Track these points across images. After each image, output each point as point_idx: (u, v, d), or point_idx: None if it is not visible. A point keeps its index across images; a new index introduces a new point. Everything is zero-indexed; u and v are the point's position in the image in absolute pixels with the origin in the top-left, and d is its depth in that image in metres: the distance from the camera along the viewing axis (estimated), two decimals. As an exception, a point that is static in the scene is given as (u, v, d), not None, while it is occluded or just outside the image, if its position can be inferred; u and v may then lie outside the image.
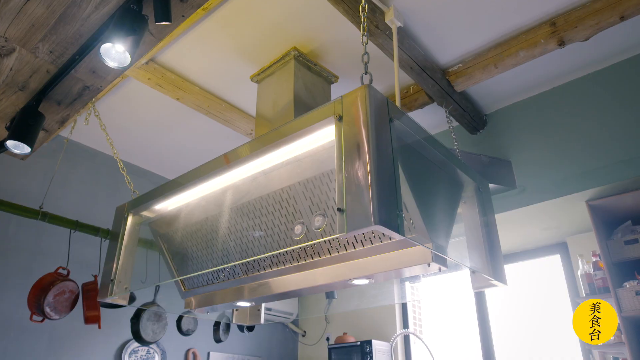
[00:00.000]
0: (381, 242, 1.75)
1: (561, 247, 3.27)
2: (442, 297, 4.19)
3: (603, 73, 2.65)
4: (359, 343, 3.58)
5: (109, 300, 2.15)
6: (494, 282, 1.89)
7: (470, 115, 2.87)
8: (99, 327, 2.46)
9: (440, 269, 1.70)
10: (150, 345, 3.23)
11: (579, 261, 2.72)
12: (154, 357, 3.25)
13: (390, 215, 1.28)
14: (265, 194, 1.86)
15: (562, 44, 2.26)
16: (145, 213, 2.31)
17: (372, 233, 1.76)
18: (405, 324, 3.93)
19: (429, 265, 1.63)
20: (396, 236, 1.28)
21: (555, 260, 3.34)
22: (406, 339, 3.90)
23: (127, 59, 1.38)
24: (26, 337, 2.68)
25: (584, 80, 2.71)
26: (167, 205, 2.20)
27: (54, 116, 1.99)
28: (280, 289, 2.03)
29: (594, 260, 2.63)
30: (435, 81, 2.54)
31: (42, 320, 2.32)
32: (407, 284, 3.87)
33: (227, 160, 1.86)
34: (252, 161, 1.78)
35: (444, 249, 1.67)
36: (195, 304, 2.37)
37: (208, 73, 2.64)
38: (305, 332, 4.44)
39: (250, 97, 2.80)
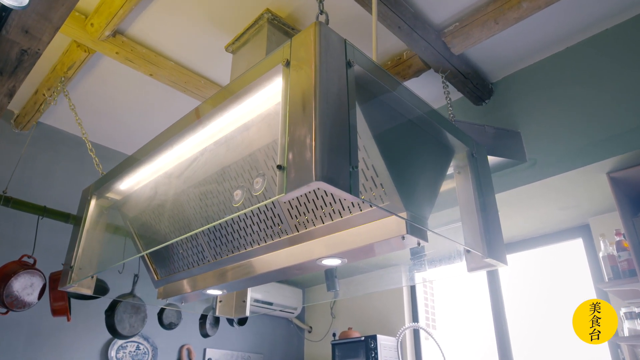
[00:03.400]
0: (351, 213, 1.52)
1: (583, 230, 2.94)
2: (456, 292, 3.90)
3: (622, 28, 2.32)
4: (363, 338, 3.34)
5: (69, 288, 1.98)
6: (491, 261, 1.62)
7: (473, 83, 2.59)
8: (68, 319, 2.30)
9: (419, 244, 1.45)
10: (140, 341, 3.07)
11: (601, 242, 2.40)
12: (144, 354, 3.09)
13: (339, 171, 1.05)
14: (225, 165, 1.65)
15: (570, -11, 1.97)
16: (110, 195, 2.14)
17: (341, 204, 1.52)
18: (415, 319, 3.66)
19: (403, 238, 1.39)
20: (346, 196, 1.04)
21: (577, 245, 3.01)
22: (416, 335, 3.63)
23: (25, -3, 1.20)
24: (2, 333, 2.54)
25: (601, 37, 2.38)
26: (131, 184, 2.02)
27: (0, 88, 1.83)
28: (247, 274, 1.82)
29: (618, 239, 2.31)
30: (429, 43, 2.27)
31: (5, 312, 2.17)
32: (416, 274, 3.59)
33: (193, 117, 1.64)
34: (203, 129, 1.58)
35: (422, 220, 1.42)
36: (167, 294, 2.19)
37: (181, 45, 2.45)
38: (311, 327, 4.22)
39: (229, 71, 2.59)
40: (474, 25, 2.23)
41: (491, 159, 2.60)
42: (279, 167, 1.09)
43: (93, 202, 2.10)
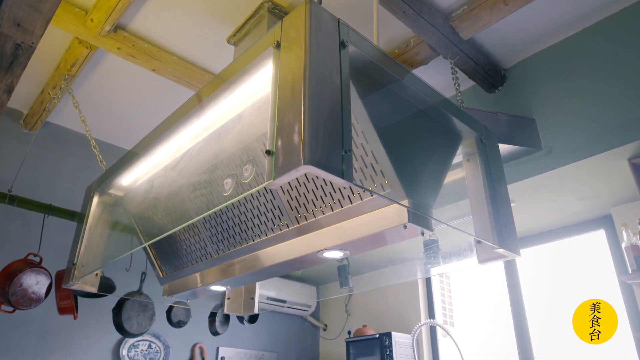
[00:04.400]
0: (352, 203, 1.45)
1: (605, 221, 2.81)
2: (474, 287, 3.79)
3: (643, 5, 2.20)
4: (377, 336, 3.26)
5: (73, 286, 1.96)
6: (503, 252, 1.54)
7: (485, 70, 2.49)
8: (75, 317, 2.29)
9: (423, 233, 1.38)
10: (152, 340, 3.05)
11: (623, 232, 2.29)
12: (156, 352, 3.07)
13: (330, 155, 0.99)
14: (222, 155, 1.60)
15: (584, -35, 1.86)
16: (113, 191, 2.12)
17: (341, 194, 1.46)
18: (431, 315, 3.56)
19: (405, 227, 1.31)
20: (338, 181, 0.99)
21: (600, 237, 2.88)
22: (433, 332, 3.54)
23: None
24: (13, 331, 2.55)
25: (619, 17, 2.26)
26: (132, 179, 1.99)
27: (-2, 85, 1.82)
28: (250, 269, 1.77)
29: (641, 229, 2.19)
30: (436, 28, 2.19)
31: (12, 311, 2.17)
32: (429, 268, 3.50)
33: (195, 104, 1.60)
34: (197, 120, 1.53)
35: (425, 208, 1.35)
36: (172, 291, 2.15)
37: (183, 39, 2.42)
38: (326, 325, 4.15)
39: (233, 64, 2.55)
40: (483, 7, 2.13)
41: (505, 148, 2.50)
42: (268, 152, 1.04)
43: (96, 199, 2.08)
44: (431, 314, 3.58)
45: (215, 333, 3.17)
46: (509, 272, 3.20)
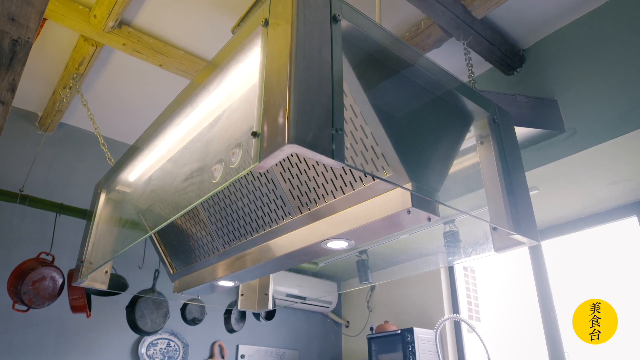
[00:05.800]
0: (354, 189, 1.38)
1: (638, 207, 2.64)
2: (501, 280, 3.66)
3: (671, -28, 2.05)
4: (399, 332, 3.17)
5: (82, 284, 1.95)
6: (519, 238, 1.44)
7: (501, 50, 2.36)
8: (88, 315, 2.28)
9: (429, 219, 1.29)
10: (171, 338, 3.04)
11: (656, 217, 2.13)
12: (175, 351, 3.06)
13: (318, 133, 0.93)
14: (225, 143, 1.55)
15: None
16: (120, 188, 2.09)
17: (342, 180, 1.39)
18: (455, 310, 3.45)
19: (409, 212, 1.23)
20: (327, 161, 0.92)
21: (632, 224, 2.71)
22: (457, 327, 3.42)
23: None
24: (32, 330, 2.57)
25: (646, -15, 2.11)
26: (138, 175, 1.96)
27: (1, 83, 1.81)
28: (256, 262, 1.72)
29: (676, 213, 2.04)
30: (446, 7, 2.08)
31: (26, 310, 2.18)
32: (449, 259, 3.39)
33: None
34: (193, 111, 1.49)
35: (431, 192, 1.26)
36: (181, 287, 2.12)
37: (188, 33, 2.38)
38: (348, 322, 4.08)
39: (239, 56, 2.50)
40: (496, -18, 2.02)
41: (526, 131, 2.37)
42: (254, 134, 0.99)
43: (103, 196, 2.06)
44: (455, 308, 3.46)
45: (231, 330, 3.14)
46: (535, 264, 3.06)
